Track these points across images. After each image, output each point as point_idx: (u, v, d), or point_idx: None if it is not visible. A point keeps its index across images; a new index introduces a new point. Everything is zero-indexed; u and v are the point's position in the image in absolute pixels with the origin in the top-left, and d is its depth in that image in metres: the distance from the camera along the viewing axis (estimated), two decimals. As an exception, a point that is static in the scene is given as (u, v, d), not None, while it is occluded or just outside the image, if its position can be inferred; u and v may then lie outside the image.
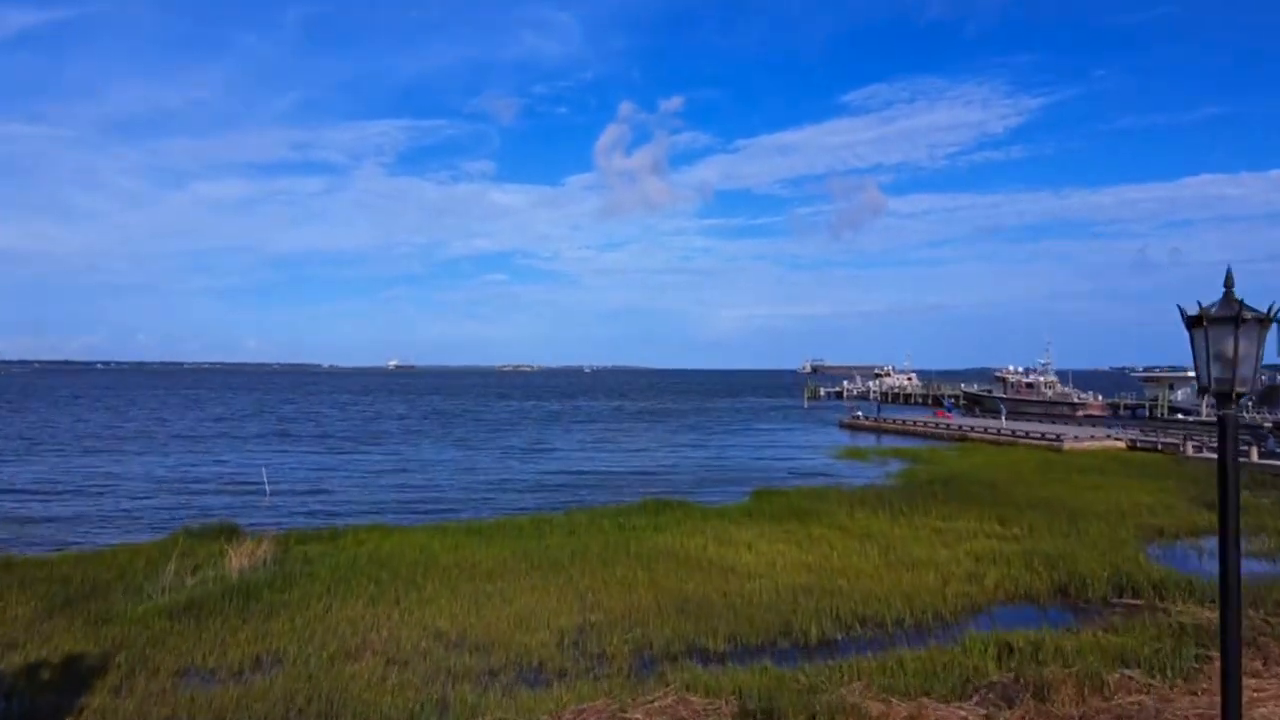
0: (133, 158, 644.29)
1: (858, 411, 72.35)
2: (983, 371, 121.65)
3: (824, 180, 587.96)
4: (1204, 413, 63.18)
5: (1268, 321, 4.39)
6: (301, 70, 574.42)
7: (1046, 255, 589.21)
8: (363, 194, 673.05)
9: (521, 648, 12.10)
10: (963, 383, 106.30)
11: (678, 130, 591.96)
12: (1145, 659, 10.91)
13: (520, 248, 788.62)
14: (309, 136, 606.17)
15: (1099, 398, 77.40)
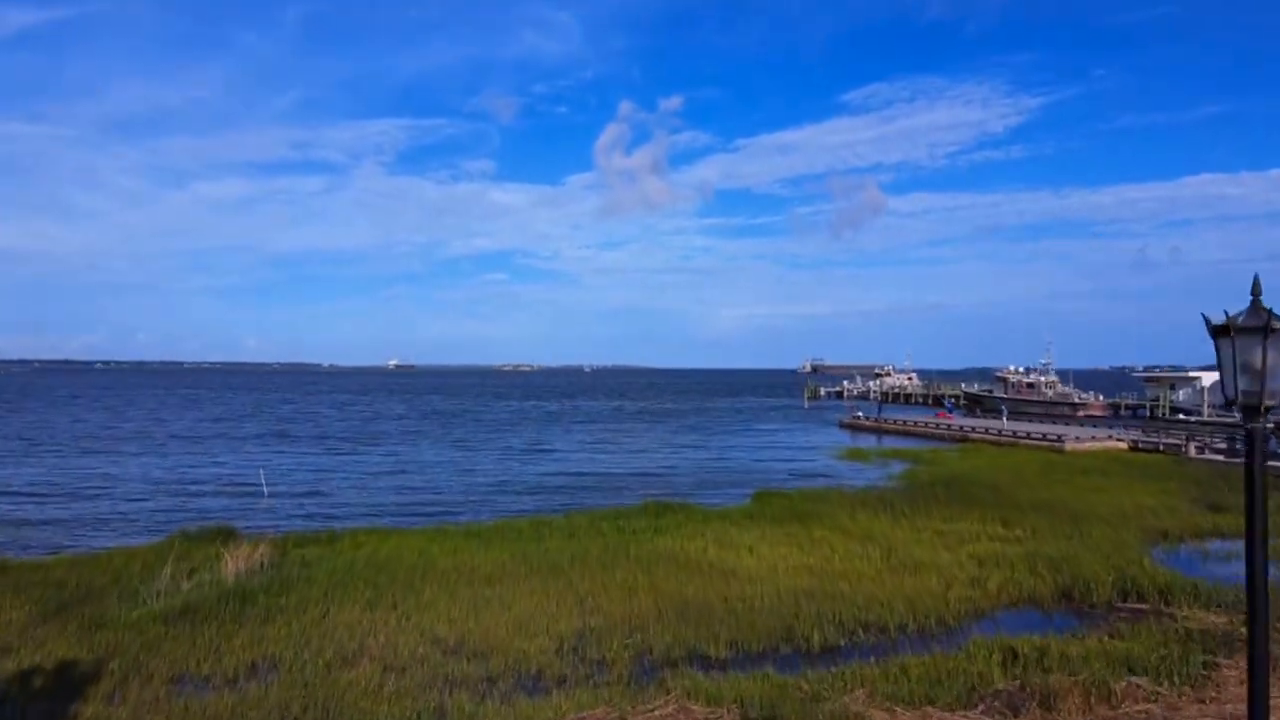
0: (133, 157, 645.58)
1: (858, 412, 72.17)
2: (982, 371, 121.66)
3: (824, 179, 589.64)
4: (1205, 413, 63.10)
5: None
6: (301, 69, 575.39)
7: (1046, 255, 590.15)
8: (363, 193, 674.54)
9: (520, 654, 11.94)
10: (963, 382, 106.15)
11: (677, 130, 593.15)
12: (1152, 666, 10.75)
13: (520, 247, 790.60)
14: (309, 136, 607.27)
15: (1100, 398, 77.25)
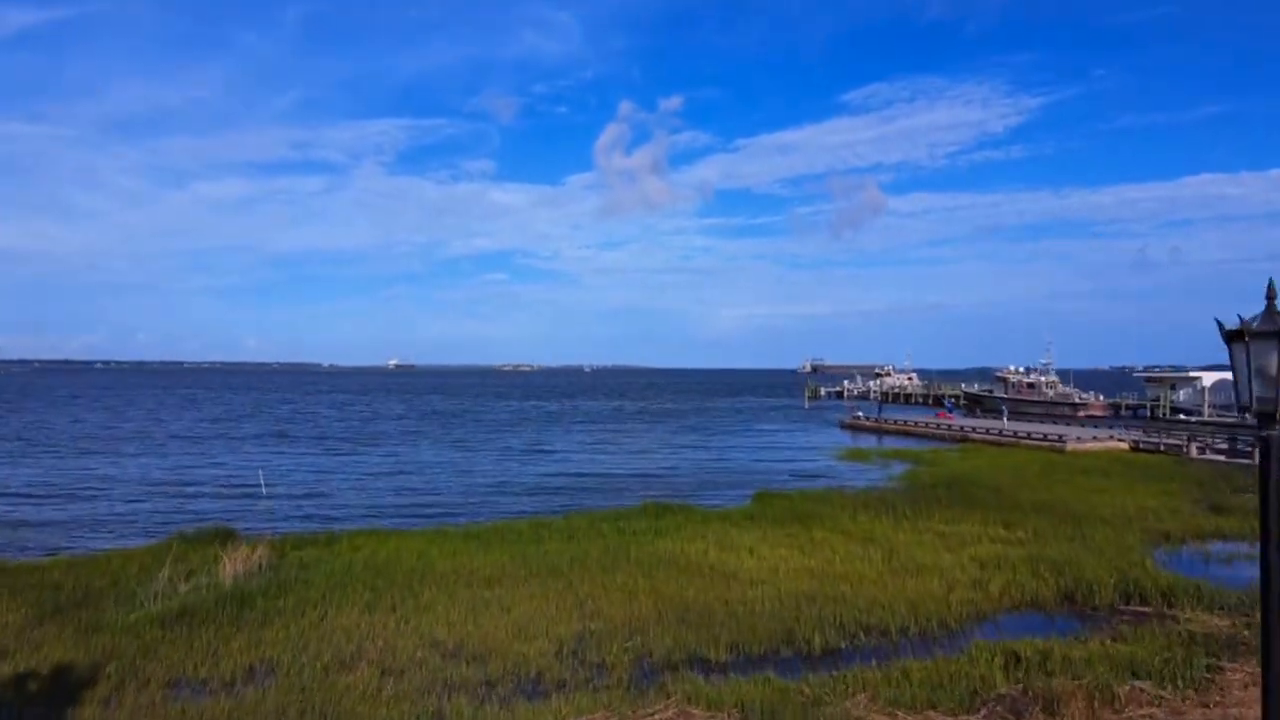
0: (133, 157, 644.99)
1: (858, 412, 72.07)
2: (983, 371, 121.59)
3: (824, 179, 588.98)
4: (1206, 413, 63.04)
5: None
6: (301, 69, 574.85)
7: (1046, 255, 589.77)
8: (362, 193, 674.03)
9: (519, 657, 11.86)
10: (963, 382, 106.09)
11: (677, 130, 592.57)
12: (1155, 670, 10.68)
13: (520, 247, 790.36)
14: (309, 136, 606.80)
15: (1100, 398, 77.17)
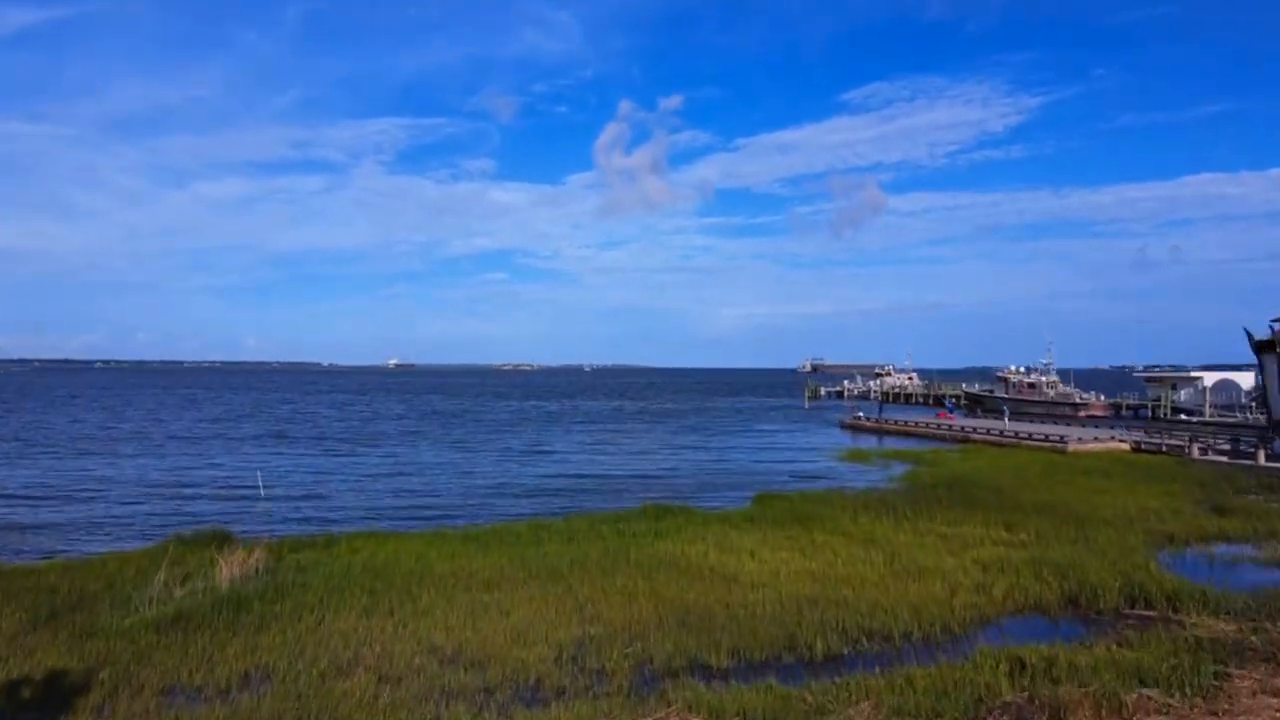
0: (132, 156, 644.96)
1: (859, 412, 71.93)
2: (983, 370, 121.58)
3: (824, 179, 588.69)
4: (1207, 413, 62.93)
5: None
6: (301, 68, 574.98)
7: (1046, 254, 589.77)
8: (362, 192, 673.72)
9: (518, 663, 11.72)
10: (963, 382, 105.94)
11: (677, 129, 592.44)
12: (1163, 677, 10.51)
13: (520, 246, 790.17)
14: (309, 135, 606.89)
15: (1101, 398, 77.02)
